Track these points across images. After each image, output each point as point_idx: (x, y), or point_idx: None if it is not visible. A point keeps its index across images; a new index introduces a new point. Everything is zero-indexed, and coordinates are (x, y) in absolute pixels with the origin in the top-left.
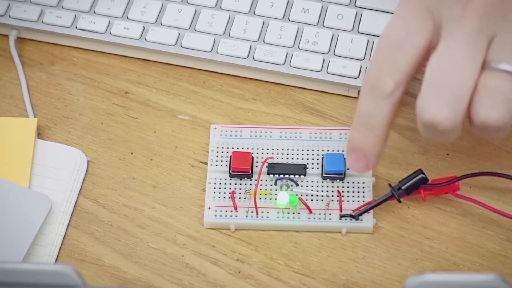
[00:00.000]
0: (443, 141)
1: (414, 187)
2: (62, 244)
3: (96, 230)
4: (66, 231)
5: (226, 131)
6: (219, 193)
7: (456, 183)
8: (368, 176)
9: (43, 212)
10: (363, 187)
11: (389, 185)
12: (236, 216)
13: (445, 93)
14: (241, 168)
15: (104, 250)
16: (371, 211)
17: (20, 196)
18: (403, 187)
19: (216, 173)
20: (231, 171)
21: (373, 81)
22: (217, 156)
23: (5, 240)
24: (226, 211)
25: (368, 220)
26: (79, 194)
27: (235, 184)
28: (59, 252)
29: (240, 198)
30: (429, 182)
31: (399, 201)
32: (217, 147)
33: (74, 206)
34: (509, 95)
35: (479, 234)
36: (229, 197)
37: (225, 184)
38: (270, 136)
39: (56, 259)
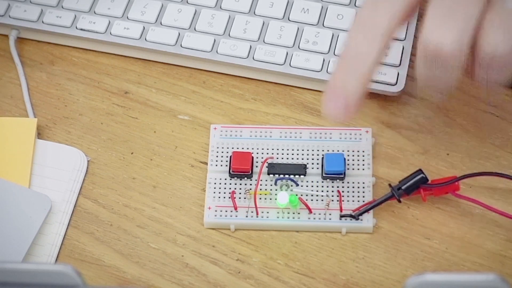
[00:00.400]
0: (443, 81)
1: (414, 187)
2: (62, 244)
3: (96, 230)
4: (66, 231)
5: (226, 131)
6: (219, 193)
7: (456, 183)
8: (368, 176)
9: (43, 212)
10: (363, 187)
11: (389, 185)
12: (236, 216)
13: (452, 16)
14: (241, 168)
15: (104, 250)
16: (371, 211)
17: (20, 196)
18: (403, 187)
19: (216, 173)
20: (231, 171)
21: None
22: (217, 156)
23: (5, 240)
24: (226, 211)
25: (368, 220)
26: (79, 194)
27: (235, 184)
28: (59, 252)
29: (240, 198)
30: (429, 182)
31: (399, 201)
32: (217, 147)
33: (74, 206)
34: None
35: (479, 234)
36: (229, 197)
37: (225, 184)
38: (270, 136)
39: (56, 259)
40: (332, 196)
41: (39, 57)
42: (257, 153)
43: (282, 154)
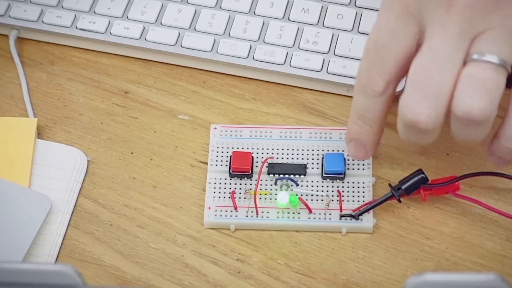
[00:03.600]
0: (422, 141)
1: (414, 187)
2: (62, 244)
3: (96, 230)
4: (66, 231)
5: (226, 131)
6: (219, 193)
7: (456, 183)
8: (368, 176)
9: (43, 212)
10: (363, 187)
11: (389, 185)
12: (236, 216)
13: (426, 92)
14: (241, 168)
15: (104, 250)
16: (371, 211)
17: (20, 196)
18: (403, 187)
19: (216, 173)
20: (231, 171)
21: (365, 80)
22: (217, 156)
23: (5, 240)
24: (226, 211)
25: (368, 220)
26: (79, 194)
27: (235, 184)
28: (59, 252)
29: (240, 198)
30: (429, 182)
31: (399, 201)
32: (217, 147)
33: (74, 206)
34: (491, 84)
35: (479, 234)
36: (229, 197)
37: (225, 184)
38: (270, 136)
39: (56, 259)
40: (332, 196)
41: (39, 57)
42: (257, 153)
43: (282, 154)
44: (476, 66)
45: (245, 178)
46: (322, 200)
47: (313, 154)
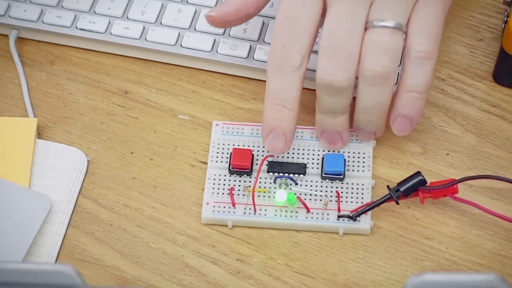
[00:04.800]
0: (338, 105)
1: (413, 189)
2: (62, 244)
3: (96, 230)
4: (66, 231)
5: (228, 128)
6: (218, 189)
7: (455, 186)
8: (367, 178)
9: (43, 212)
10: (362, 188)
11: (388, 187)
12: (234, 213)
13: (337, 55)
14: (241, 165)
15: (104, 250)
16: (369, 212)
17: (20, 196)
18: (401, 189)
19: (215, 169)
20: (230, 168)
21: (281, 58)
22: (217, 153)
23: (5, 240)
24: (224, 207)
25: (365, 221)
26: (79, 194)
27: (235, 181)
28: (59, 252)
29: (239, 195)
30: (428, 184)
31: (397, 203)
32: (218, 144)
33: (74, 206)
34: (390, 46)
35: (479, 234)
36: (228, 194)
37: (224, 180)
38: None
39: (56, 259)
40: (331, 196)
41: (39, 57)
42: (258, 151)
43: (283, 152)
44: (375, 31)
45: (245, 175)
46: (320, 200)
47: (313, 154)
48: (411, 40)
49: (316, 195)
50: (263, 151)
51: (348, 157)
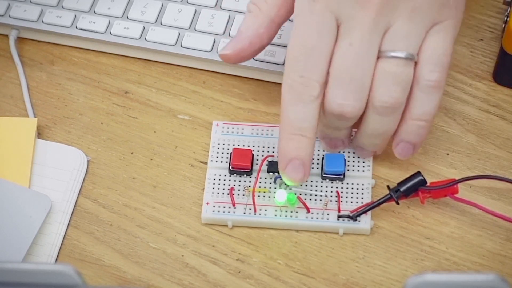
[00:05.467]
0: (345, 124)
1: (413, 189)
2: (62, 244)
3: (96, 230)
4: (66, 231)
5: (228, 128)
6: (218, 189)
7: (455, 186)
8: (368, 178)
9: (43, 212)
10: (362, 188)
11: (388, 187)
12: (234, 213)
13: (350, 86)
14: (241, 164)
15: (104, 250)
16: (369, 212)
17: (20, 196)
18: (401, 189)
19: (215, 169)
20: (230, 168)
21: (299, 87)
22: (217, 153)
23: (5, 240)
24: (224, 207)
25: (365, 221)
26: (79, 194)
27: (235, 180)
28: (59, 252)
29: (238, 195)
30: (428, 184)
31: (397, 203)
32: (218, 143)
33: (74, 206)
34: (402, 77)
35: (479, 234)
36: (228, 194)
37: (224, 180)
38: (272, 135)
39: (56, 259)
40: (331, 196)
41: (39, 57)
42: (258, 151)
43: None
44: (388, 61)
45: (245, 175)
46: (320, 200)
47: (313, 154)
48: (422, 67)
49: (316, 195)
50: (263, 151)
51: (348, 157)
